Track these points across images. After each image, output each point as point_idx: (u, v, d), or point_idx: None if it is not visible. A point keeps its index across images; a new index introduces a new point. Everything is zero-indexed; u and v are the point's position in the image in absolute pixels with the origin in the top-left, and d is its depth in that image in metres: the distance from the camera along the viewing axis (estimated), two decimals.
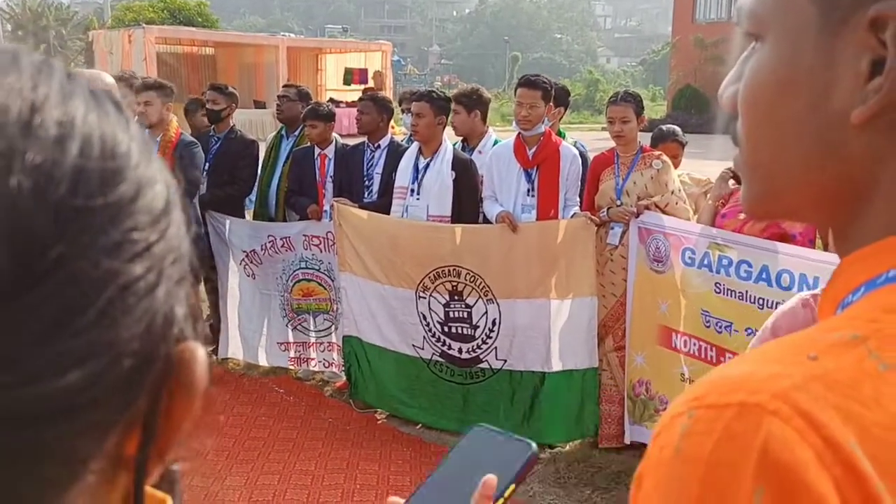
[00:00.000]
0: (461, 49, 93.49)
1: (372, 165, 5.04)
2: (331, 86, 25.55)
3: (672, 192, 4.06)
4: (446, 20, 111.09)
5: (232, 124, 5.46)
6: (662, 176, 4.08)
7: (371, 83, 24.22)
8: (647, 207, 4.01)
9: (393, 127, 5.46)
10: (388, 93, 24.19)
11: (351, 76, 24.82)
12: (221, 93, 5.37)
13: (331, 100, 23.70)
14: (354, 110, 5.52)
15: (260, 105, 21.96)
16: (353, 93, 24.25)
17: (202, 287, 5.27)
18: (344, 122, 12.72)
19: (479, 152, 4.88)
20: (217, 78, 23.11)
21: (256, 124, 20.52)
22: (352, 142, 5.31)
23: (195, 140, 4.89)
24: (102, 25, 28.01)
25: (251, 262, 5.25)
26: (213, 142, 5.31)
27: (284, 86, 5.96)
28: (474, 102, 4.84)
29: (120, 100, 0.42)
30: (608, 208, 4.13)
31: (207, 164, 5.20)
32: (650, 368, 4.13)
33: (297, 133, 5.46)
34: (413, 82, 50.99)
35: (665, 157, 4.16)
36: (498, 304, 4.32)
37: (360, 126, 5.03)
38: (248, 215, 5.67)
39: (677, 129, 4.91)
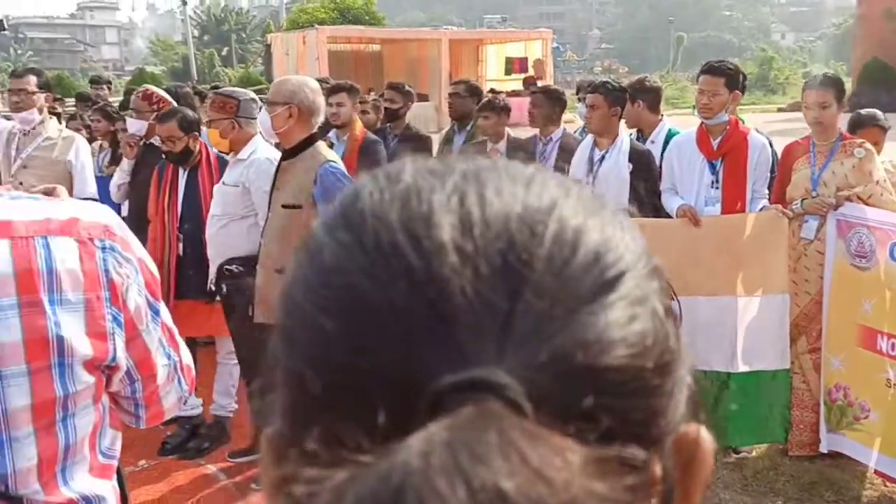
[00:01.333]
0: (621, 32, 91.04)
1: (544, 159, 5.00)
2: (491, 76, 25.67)
3: (877, 183, 3.74)
4: (606, 3, 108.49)
5: (407, 122, 5.60)
6: (865, 165, 3.76)
7: (531, 72, 24.14)
8: (847, 199, 3.71)
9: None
10: (548, 81, 24.01)
11: (511, 66, 24.82)
12: (399, 91, 5.52)
13: (491, 90, 23.85)
14: (515, 100, 5.50)
15: (423, 98, 22.44)
16: (514, 82, 24.30)
17: None
18: None
19: (652, 142, 4.73)
20: (383, 73, 23.88)
21: (420, 117, 20.97)
22: (514, 131, 5.30)
23: (379, 139, 5.05)
24: (279, 28, 29.65)
25: None
26: (389, 140, 5.47)
27: (454, 82, 6.03)
28: (637, 92, 4.72)
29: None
30: (802, 200, 3.87)
31: (386, 160, 5.37)
32: (849, 372, 3.83)
33: (468, 128, 5.52)
34: (572, 68, 50.29)
35: (868, 145, 3.83)
36: (678, 300, 4.14)
37: (533, 119, 5.00)
38: None
39: (878, 112, 4.51)
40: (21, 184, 4.32)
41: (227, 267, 3.71)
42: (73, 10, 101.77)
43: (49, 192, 1.05)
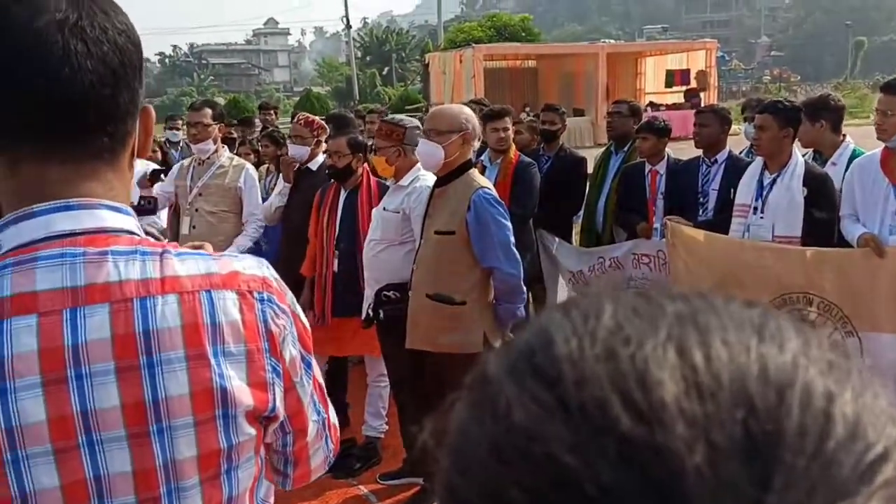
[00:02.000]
0: (793, 38, 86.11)
1: (708, 181, 4.76)
2: (650, 89, 25.01)
3: None
4: (777, 8, 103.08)
5: (561, 143, 5.52)
6: None
7: (693, 83, 23.27)
8: None
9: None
10: (712, 92, 23.05)
11: (672, 78, 24.05)
12: (556, 113, 5.45)
13: (650, 104, 23.22)
14: (675, 113, 5.26)
15: (579, 113, 22.20)
16: (675, 95, 23.51)
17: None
18: None
19: (834, 164, 4.37)
20: (538, 89, 23.84)
21: (574, 132, 20.76)
22: (675, 146, 5.07)
23: (533, 161, 5.00)
24: (437, 47, 30.38)
25: (578, 281, 5.25)
26: (543, 160, 5.40)
27: (615, 101, 5.88)
28: (819, 110, 4.37)
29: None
30: None
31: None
32: None
33: (626, 149, 5.36)
34: (738, 78, 48.03)
35: None
36: (858, 336, 3.80)
37: (699, 139, 4.77)
38: (576, 229, 5.69)
39: None
40: (197, 210, 4.64)
41: (384, 293, 3.77)
42: (250, 36, 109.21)
43: (197, 248, 1.07)
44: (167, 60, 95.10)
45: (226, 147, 5.02)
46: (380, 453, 4.37)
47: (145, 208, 4.53)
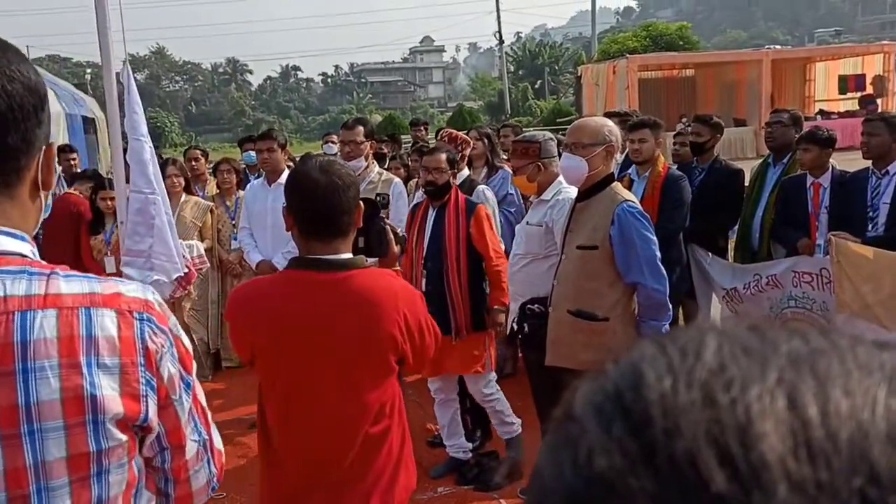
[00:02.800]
0: None
1: (878, 194, 4.41)
2: (820, 96, 23.51)
3: None
4: None
5: (716, 154, 5.29)
6: None
7: (869, 89, 21.66)
8: None
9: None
10: (890, 98, 21.35)
11: (846, 84, 22.48)
12: (706, 124, 5.25)
13: (820, 111, 21.81)
14: (850, 121, 4.90)
15: (740, 123, 21.21)
16: (848, 102, 21.97)
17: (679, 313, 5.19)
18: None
19: None
20: (696, 98, 23.02)
21: (736, 143, 19.86)
22: (843, 157, 4.72)
23: (683, 174, 4.83)
24: (590, 59, 30.05)
25: (732, 299, 5.00)
26: (696, 173, 5.21)
27: (775, 110, 5.57)
28: None
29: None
30: None
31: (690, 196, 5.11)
32: None
33: (785, 161, 5.06)
34: None
35: None
36: None
37: (868, 149, 4.44)
38: (730, 244, 5.44)
39: None
40: None
41: (529, 306, 3.77)
42: (406, 54, 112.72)
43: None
44: (329, 80, 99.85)
45: (376, 162, 5.20)
46: (521, 468, 4.35)
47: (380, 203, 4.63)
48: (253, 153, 6.18)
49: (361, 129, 4.91)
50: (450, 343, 4.02)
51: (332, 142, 7.76)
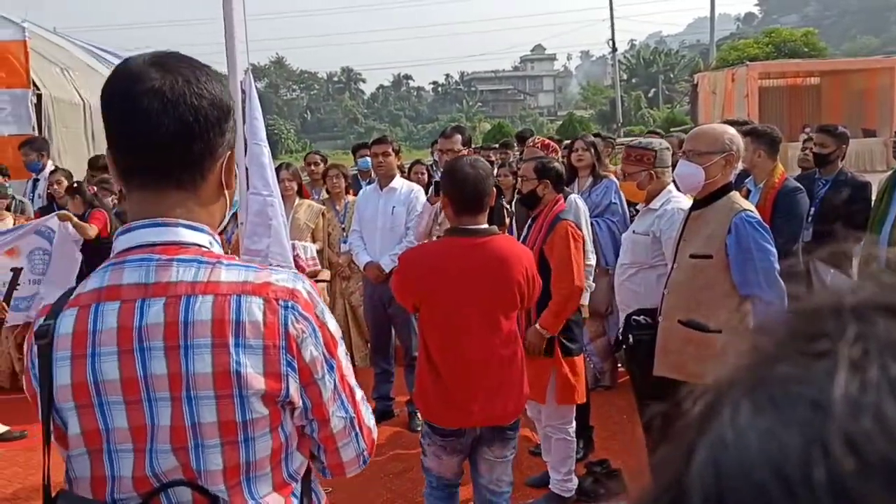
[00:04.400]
0: None
1: None
2: None
3: None
4: None
5: (841, 166, 5.04)
6: None
7: None
8: None
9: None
10: None
11: None
12: (831, 134, 5.01)
13: None
14: None
15: (869, 133, 20.05)
16: None
17: None
18: None
19: None
20: (821, 108, 21.94)
21: (863, 155, 18.78)
22: None
23: (800, 186, 4.62)
24: (707, 67, 29.17)
25: None
26: (819, 185, 4.98)
27: None
28: None
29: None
30: None
31: (813, 209, 4.88)
32: None
33: None
34: None
35: None
36: None
37: None
38: (856, 260, 5.14)
39: None
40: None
41: (634, 317, 3.69)
42: (517, 63, 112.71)
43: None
44: (440, 89, 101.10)
45: None
46: (626, 484, 4.26)
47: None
48: (368, 159, 6.34)
49: (459, 137, 4.98)
50: (534, 360, 3.96)
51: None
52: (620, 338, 3.81)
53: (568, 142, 5.97)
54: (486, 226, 3.07)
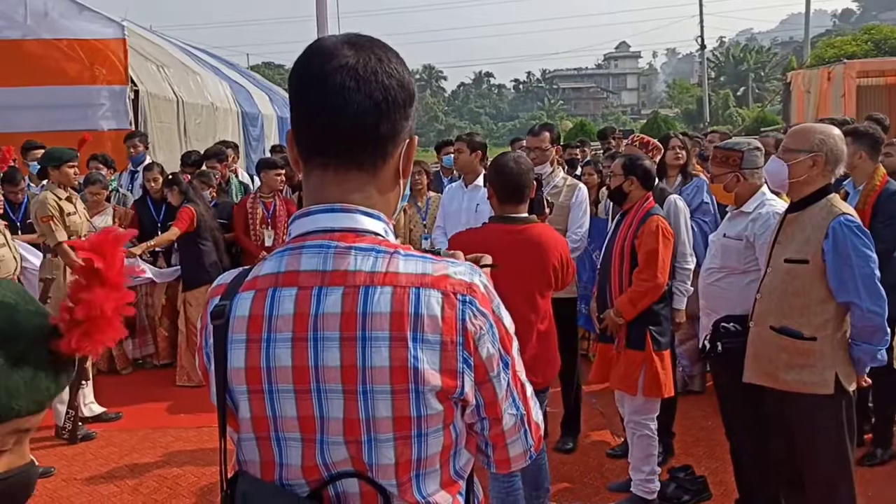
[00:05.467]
0: None
1: None
2: None
3: None
4: None
5: None
6: None
7: None
8: None
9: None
10: None
11: None
12: None
13: None
14: None
15: None
16: None
17: None
18: None
19: None
20: None
21: None
22: None
23: None
24: (801, 65, 28.10)
25: None
26: None
27: None
28: None
29: None
30: None
31: None
32: None
33: None
34: None
35: None
36: None
37: None
38: None
39: None
40: None
41: (723, 324, 3.59)
42: (600, 60, 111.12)
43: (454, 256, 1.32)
44: (521, 86, 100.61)
45: (561, 167, 5.20)
46: (710, 489, 4.16)
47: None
48: (452, 156, 6.39)
49: (547, 135, 4.96)
50: (612, 352, 3.98)
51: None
52: (707, 345, 3.71)
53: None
54: (526, 214, 3.44)
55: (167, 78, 10.63)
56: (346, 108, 1.16)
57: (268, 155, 9.18)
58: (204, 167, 7.29)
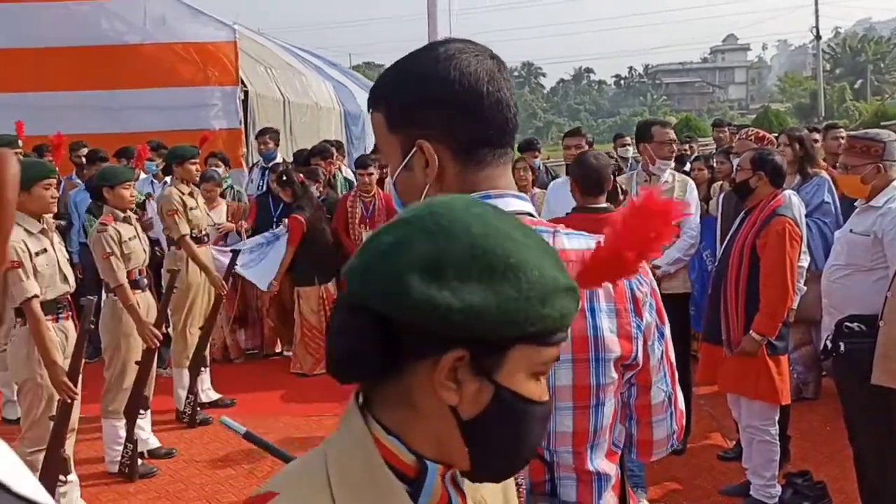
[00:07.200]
0: None
1: None
2: None
3: None
4: None
5: None
6: None
7: None
8: None
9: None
10: None
11: None
12: None
13: None
14: None
15: None
16: None
17: None
18: None
19: None
20: None
21: None
22: None
23: None
24: None
25: None
26: None
27: None
28: None
29: None
30: None
31: None
32: None
33: None
34: None
35: None
36: None
37: None
38: None
39: None
40: None
41: (847, 324, 3.43)
42: (706, 54, 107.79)
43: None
44: (622, 82, 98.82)
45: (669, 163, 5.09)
46: (830, 496, 3.99)
47: None
48: (538, 159, 6.41)
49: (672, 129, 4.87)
50: (721, 354, 3.85)
51: (626, 144, 7.76)
52: (829, 345, 3.55)
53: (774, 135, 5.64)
54: (605, 204, 3.65)
55: (274, 78, 11.00)
56: (509, 111, 1.26)
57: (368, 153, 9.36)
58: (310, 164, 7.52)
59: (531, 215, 1.27)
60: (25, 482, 0.39)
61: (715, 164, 6.23)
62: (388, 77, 1.30)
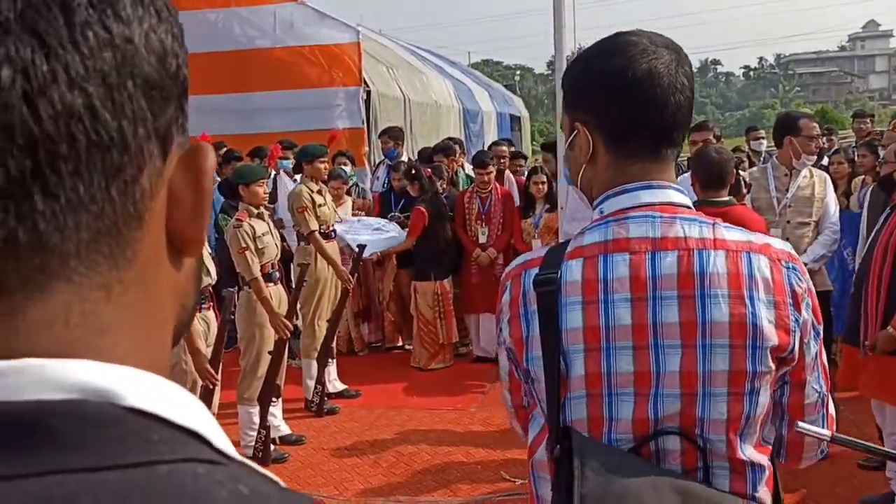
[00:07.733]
0: None
1: None
2: None
3: None
4: None
5: None
6: None
7: None
8: None
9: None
10: None
11: None
12: None
13: None
14: None
15: None
16: None
17: None
18: None
19: None
20: None
21: None
22: None
23: None
24: None
25: None
26: None
27: None
28: None
29: None
30: None
31: None
32: None
33: None
34: None
35: None
36: None
37: None
38: None
39: None
40: (788, 222, 4.53)
41: None
42: (844, 42, 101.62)
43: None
44: (751, 73, 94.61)
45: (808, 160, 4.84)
46: None
47: None
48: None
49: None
50: (859, 356, 3.65)
51: (761, 137, 7.45)
52: None
53: None
54: (727, 198, 3.63)
55: (395, 78, 11.20)
56: (674, 103, 1.29)
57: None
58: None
59: (689, 207, 1.31)
60: (224, 441, 0.42)
61: (857, 158, 5.88)
62: (574, 58, 1.40)
